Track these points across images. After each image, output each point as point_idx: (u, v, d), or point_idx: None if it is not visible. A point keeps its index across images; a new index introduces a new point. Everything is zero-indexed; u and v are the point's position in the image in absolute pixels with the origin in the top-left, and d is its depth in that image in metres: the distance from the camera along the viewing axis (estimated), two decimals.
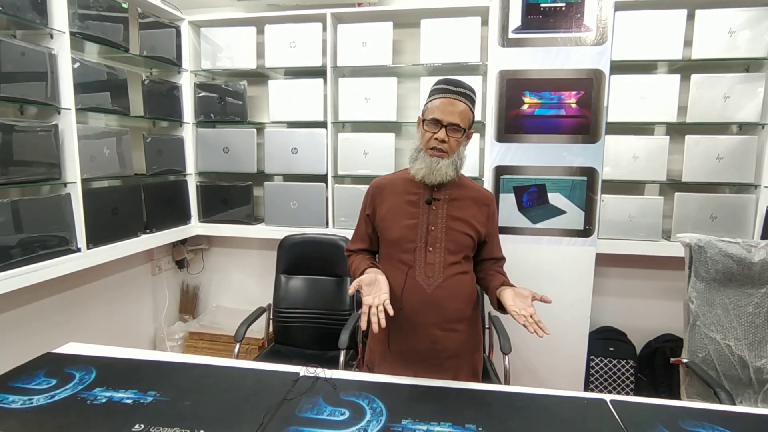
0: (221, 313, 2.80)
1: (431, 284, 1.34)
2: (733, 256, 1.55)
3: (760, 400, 1.57)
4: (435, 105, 1.30)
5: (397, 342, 1.37)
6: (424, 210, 1.36)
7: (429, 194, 1.37)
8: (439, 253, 1.34)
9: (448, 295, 1.34)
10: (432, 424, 1.05)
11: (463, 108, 1.29)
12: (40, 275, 1.67)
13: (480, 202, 1.41)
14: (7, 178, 1.58)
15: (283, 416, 1.07)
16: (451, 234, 1.35)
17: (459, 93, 1.30)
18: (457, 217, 1.36)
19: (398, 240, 1.36)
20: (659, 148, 2.16)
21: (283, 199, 2.46)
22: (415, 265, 1.34)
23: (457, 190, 1.39)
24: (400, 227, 1.36)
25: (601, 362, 2.31)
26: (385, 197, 1.41)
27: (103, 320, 2.30)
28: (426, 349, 1.35)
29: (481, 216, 1.40)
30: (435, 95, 1.32)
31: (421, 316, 1.34)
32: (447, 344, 1.36)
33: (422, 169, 1.32)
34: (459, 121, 1.28)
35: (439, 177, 1.31)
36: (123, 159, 2.07)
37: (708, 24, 2.05)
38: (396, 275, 1.35)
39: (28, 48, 1.64)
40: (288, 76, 2.58)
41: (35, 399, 1.13)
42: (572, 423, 1.08)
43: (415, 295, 1.34)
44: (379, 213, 1.41)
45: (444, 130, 1.28)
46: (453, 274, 1.35)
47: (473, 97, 1.34)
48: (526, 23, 2.08)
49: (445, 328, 1.35)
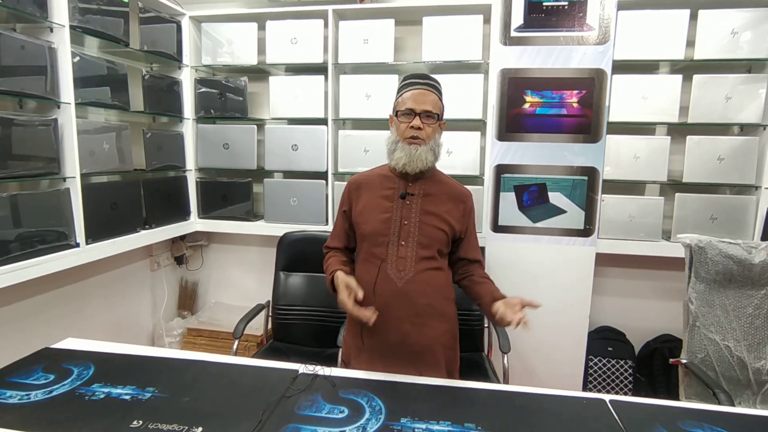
0: (220, 310, 2.80)
1: (402, 278, 1.36)
2: (734, 257, 1.55)
3: (759, 401, 1.57)
4: (406, 97, 1.35)
5: (369, 336, 1.40)
6: (398, 204, 1.38)
7: (404, 189, 1.39)
8: (412, 247, 1.36)
9: (419, 289, 1.36)
10: (431, 423, 1.05)
11: (434, 98, 1.35)
12: (38, 270, 1.67)
13: (456, 198, 1.43)
14: (6, 172, 1.57)
15: (282, 413, 1.07)
16: (424, 228, 1.37)
17: (427, 84, 1.36)
18: (430, 212, 1.38)
19: (372, 234, 1.39)
20: (660, 148, 2.16)
21: (283, 196, 2.45)
22: (387, 259, 1.37)
23: (433, 186, 1.41)
24: (374, 221, 1.39)
25: (599, 362, 2.32)
26: (362, 193, 1.44)
27: (101, 316, 2.29)
28: (397, 343, 1.37)
29: (456, 212, 1.41)
30: (405, 89, 1.37)
31: (392, 310, 1.36)
32: (417, 338, 1.37)
33: (402, 158, 1.34)
34: (431, 108, 1.33)
35: (420, 164, 1.34)
36: (122, 154, 2.06)
37: (711, 24, 2.04)
38: (369, 269, 1.38)
39: (28, 41, 1.63)
40: (289, 72, 2.57)
41: (33, 394, 1.12)
42: (571, 422, 1.08)
43: (387, 288, 1.36)
44: (356, 209, 1.43)
45: (419, 118, 1.32)
46: (425, 269, 1.37)
47: (440, 89, 1.40)
48: (528, 22, 2.07)
49: (416, 322, 1.37)
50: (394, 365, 1.34)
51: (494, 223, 2.19)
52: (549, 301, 2.17)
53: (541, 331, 2.20)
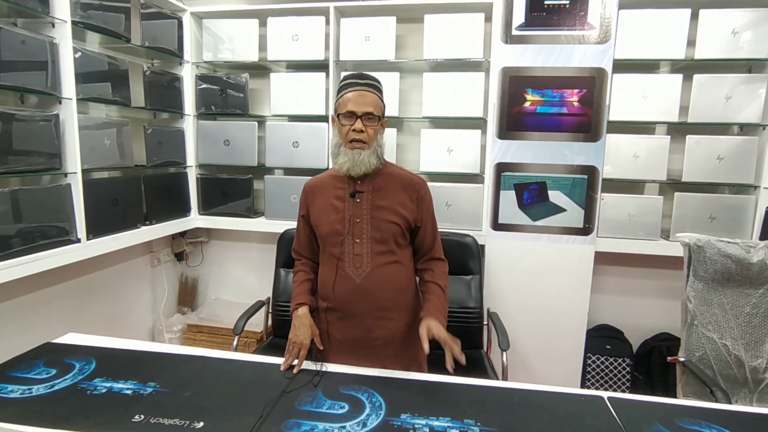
0: (220, 306, 2.80)
1: (360, 274, 1.38)
2: (732, 256, 1.56)
3: (756, 399, 1.58)
4: (347, 98, 1.35)
5: (335, 332, 1.43)
6: (349, 204, 1.41)
7: (353, 188, 1.41)
8: (366, 243, 1.39)
9: (378, 283, 1.38)
10: (431, 419, 1.05)
11: (374, 98, 1.36)
12: (39, 265, 1.67)
13: (408, 187, 1.44)
14: (7, 167, 1.57)
15: (283, 409, 1.08)
16: (376, 223, 1.39)
17: (366, 84, 1.37)
18: (381, 206, 1.40)
19: (328, 235, 1.42)
20: (660, 147, 2.17)
21: (284, 192, 2.46)
22: (344, 257, 1.40)
23: (382, 180, 1.43)
24: (328, 222, 1.42)
25: (597, 360, 2.33)
26: (316, 196, 1.46)
27: (102, 311, 2.30)
28: (361, 338, 1.41)
29: (409, 202, 1.42)
30: (344, 90, 1.37)
31: (353, 306, 1.40)
32: (381, 333, 1.40)
33: (346, 163, 1.36)
34: (372, 109, 1.35)
35: (363, 167, 1.36)
36: (123, 150, 2.06)
37: (712, 24, 2.04)
38: (328, 268, 1.42)
39: (29, 36, 1.62)
40: (290, 69, 2.57)
41: (35, 389, 1.13)
42: (570, 419, 1.08)
43: (345, 285, 1.39)
44: (312, 212, 1.46)
45: (360, 120, 1.33)
46: (383, 264, 1.39)
47: (380, 87, 1.41)
48: (529, 20, 2.07)
49: (378, 316, 1.40)
50: (361, 359, 1.37)
51: (494, 221, 2.20)
52: (548, 299, 2.19)
53: (540, 328, 2.21)
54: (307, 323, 1.39)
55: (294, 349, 1.33)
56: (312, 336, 1.37)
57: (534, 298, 2.19)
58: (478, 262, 2.05)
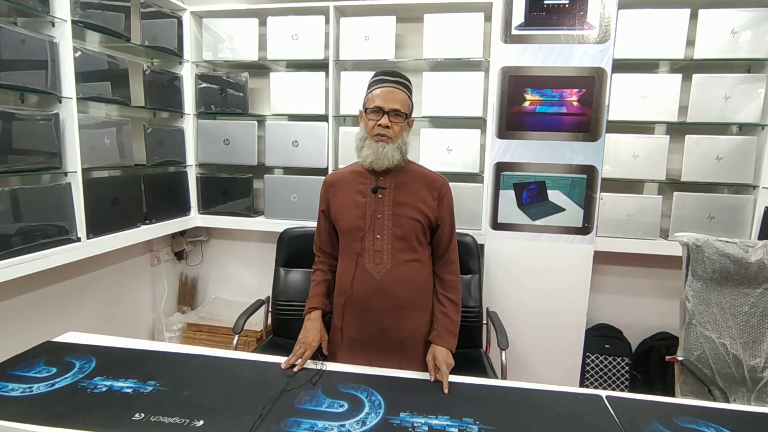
0: (220, 305, 2.80)
1: (380, 271, 1.38)
2: (731, 255, 1.56)
3: (754, 398, 1.58)
4: (375, 94, 1.35)
5: (350, 329, 1.43)
6: (371, 199, 1.40)
7: (375, 183, 1.41)
8: (387, 240, 1.38)
9: (398, 281, 1.38)
10: (430, 418, 1.06)
11: (403, 96, 1.36)
12: (39, 264, 1.67)
13: (430, 185, 1.44)
14: (7, 166, 1.57)
15: (282, 407, 1.08)
16: (398, 220, 1.39)
17: (397, 82, 1.36)
18: (403, 203, 1.40)
19: (349, 230, 1.41)
20: (659, 147, 2.17)
21: (284, 191, 2.46)
22: (364, 253, 1.39)
23: (404, 177, 1.43)
24: (349, 217, 1.41)
25: (596, 359, 2.33)
26: (337, 191, 1.46)
27: (101, 310, 2.30)
28: (377, 335, 1.40)
29: (430, 199, 1.42)
30: (374, 86, 1.37)
31: (371, 303, 1.39)
32: (398, 331, 1.40)
33: (369, 155, 1.36)
34: (400, 106, 1.34)
35: (386, 161, 1.35)
36: (123, 149, 2.06)
37: (711, 24, 2.05)
38: (348, 263, 1.42)
39: (29, 36, 1.63)
40: (290, 68, 2.57)
41: (35, 387, 1.13)
42: (568, 418, 1.09)
43: (365, 282, 1.39)
44: (333, 207, 1.46)
45: (386, 116, 1.33)
46: (403, 261, 1.39)
47: (410, 87, 1.41)
48: (529, 20, 2.08)
49: (396, 314, 1.39)
50: (376, 357, 1.37)
51: (494, 221, 2.20)
52: (547, 298, 2.19)
53: (539, 327, 2.21)
54: (317, 327, 1.40)
55: (300, 349, 1.33)
56: (320, 341, 1.38)
57: (533, 298, 2.19)
58: (477, 261, 2.05)
